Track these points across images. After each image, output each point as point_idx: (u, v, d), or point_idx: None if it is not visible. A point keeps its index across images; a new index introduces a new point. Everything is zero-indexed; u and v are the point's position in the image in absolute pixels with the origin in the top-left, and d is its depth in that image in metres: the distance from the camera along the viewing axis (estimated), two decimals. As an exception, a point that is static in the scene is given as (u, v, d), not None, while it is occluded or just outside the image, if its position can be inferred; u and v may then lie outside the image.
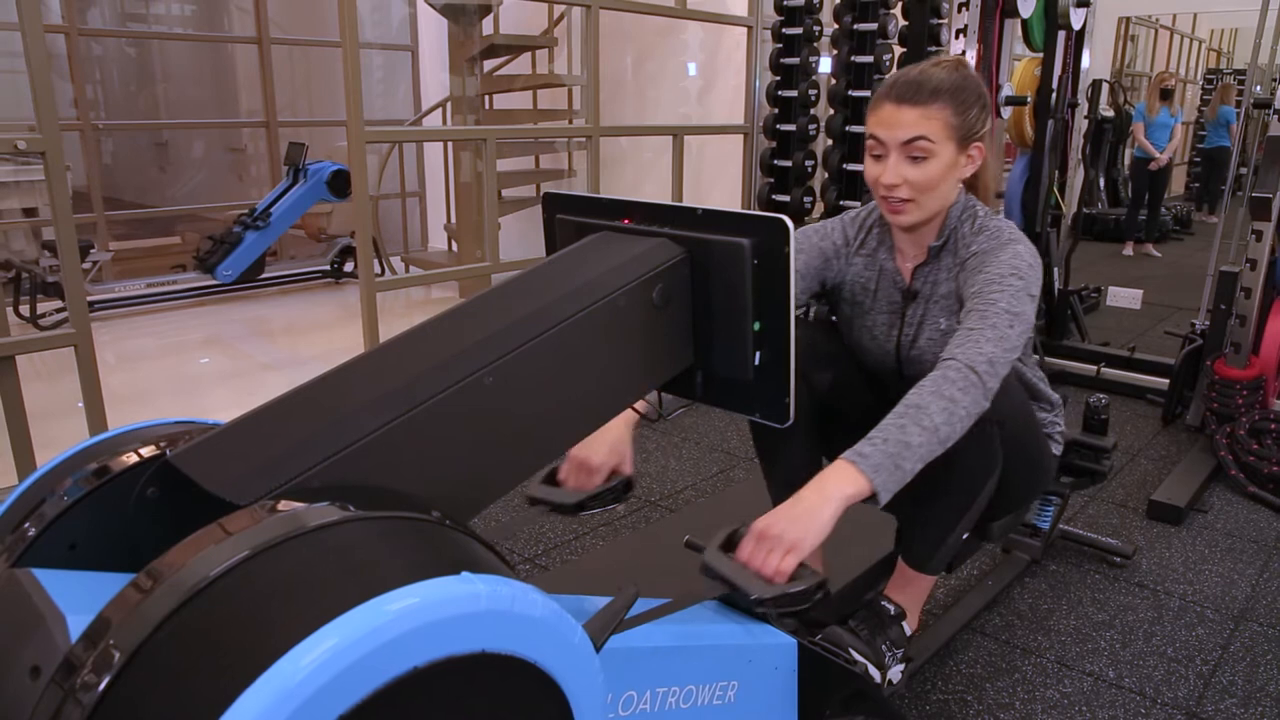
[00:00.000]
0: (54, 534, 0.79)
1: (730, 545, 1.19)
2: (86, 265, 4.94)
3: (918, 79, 1.45)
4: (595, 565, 2.18)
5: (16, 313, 4.69)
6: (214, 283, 5.33)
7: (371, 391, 0.83)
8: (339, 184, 5.60)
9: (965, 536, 1.56)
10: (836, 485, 1.16)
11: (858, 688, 1.39)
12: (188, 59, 7.99)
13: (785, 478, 1.63)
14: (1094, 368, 3.92)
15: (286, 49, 6.81)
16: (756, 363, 1.03)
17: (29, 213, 5.88)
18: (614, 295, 0.95)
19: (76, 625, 0.67)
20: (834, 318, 1.75)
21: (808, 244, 1.65)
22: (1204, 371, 3.25)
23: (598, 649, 0.79)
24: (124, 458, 0.83)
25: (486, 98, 5.35)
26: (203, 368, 4.48)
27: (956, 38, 3.57)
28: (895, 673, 1.52)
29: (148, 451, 0.83)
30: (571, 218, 1.14)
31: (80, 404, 2.66)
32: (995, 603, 2.21)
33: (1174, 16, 10.14)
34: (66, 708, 0.61)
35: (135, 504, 0.82)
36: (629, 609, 0.90)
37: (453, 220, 5.89)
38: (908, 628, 1.58)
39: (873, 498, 1.18)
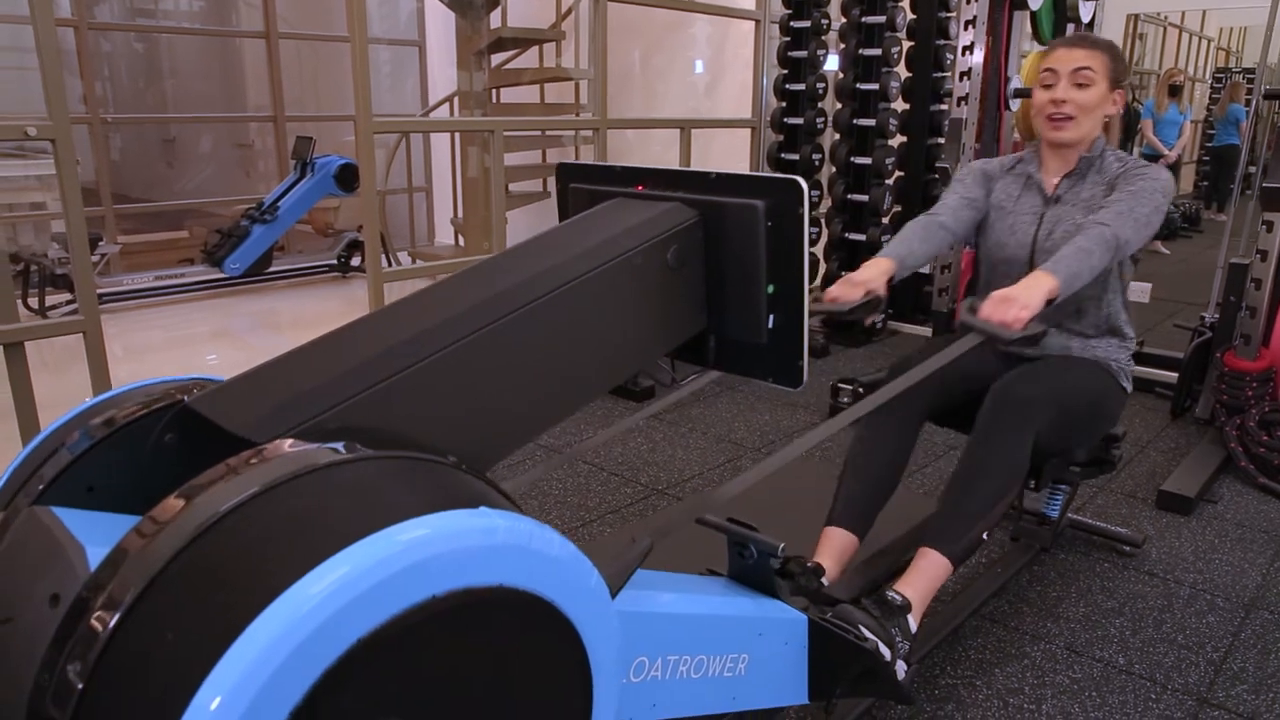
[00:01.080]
0: (73, 475, 0.79)
1: (973, 311, 1.60)
2: (95, 258, 4.95)
3: (1084, 33, 1.99)
4: (603, 550, 2.18)
5: (25, 305, 4.70)
6: (222, 276, 5.35)
7: (391, 339, 0.84)
8: (346, 178, 5.60)
9: (985, 536, 1.72)
10: (1042, 280, 1.60)
11: (868, 665, 1.38)
12: (196, 54, 8.00)
13: (869, 464, 1.87)
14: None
15: (294, 44, 6.82)
16: (770, 326, 1.03)
17: (36, 207, 5.91)
18: (629, 254, 0.95)
19: (95, 556, 0.67)
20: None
21: (973, 168, 2.09)
22: (1213, 364, 3.24)
23: (613, 595, 0.79)
24: (141, 405, 0.83)
25: (494, 92, 5.35)
26: (210, 360, 4.49)
27: (965, 29, 3.56)
28: (900, 669, 1.51)
29: (165, 399, 0.84)
30: (585, 186, 1.14)
31: (90, 394, 2.67)
32: (1004, 590, 2.20)
33: (1183, 14, 10.10)
34: (84, 634, 0.62)
35: (152, 449, 0.82)
36: (643, 559, 0.90)
37: (459, 215, 5.90)
38: (913, 622, 1.58)
39: (1055, 297, 1.61)
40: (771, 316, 1.03)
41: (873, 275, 1.78)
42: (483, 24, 5.02)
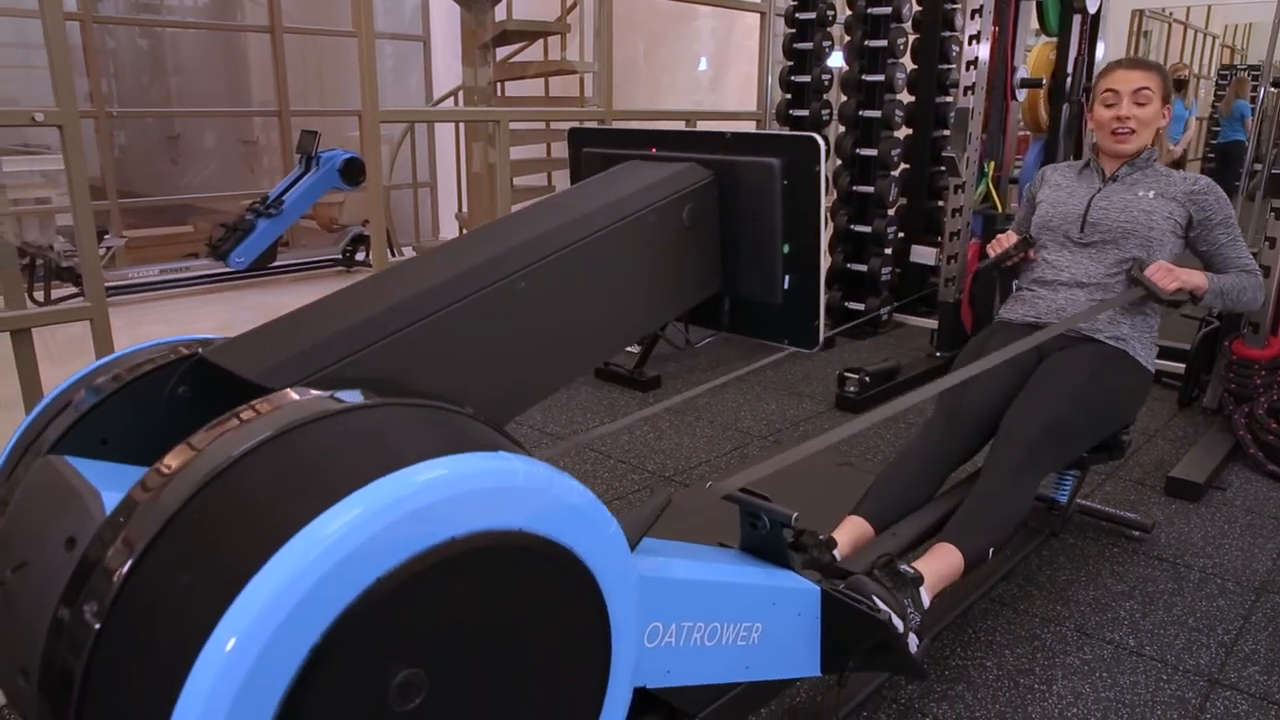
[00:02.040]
0: (87, 426, 0.79)
1: (1139, 270, 2.00)
2: (100, 250, 4.95)
3: (1135, 58, 2.18)
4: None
5: (31, 298, 4.71)
6: (227, 270, 5.35)
7: (406, 292, 0.83)
8: (351, 172, 5.61)
9: (992, 552, 1.79)
10: (1199, 275, 2.00)
11: (881, 638, 1.38)
12: (201, 50, 8.01)
13: (913, 465, 1.96)
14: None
15: (299, 39, 6.82)
16: (785, 286, 1.03)
17: (41, 202, 5.91)
18: (644, 212, 0.95)
19: (111, 501, 0.67)
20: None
21: (1042, 174, 2.32)
22: (1221, 352, 3.23)
23: (631, 548, 0.79)
24: (154, 359, 0.83)
25: (499, 85, 5.35)
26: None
27: (972, 18, 3.55)
28: (911, 642, 1.50)
29: (178, 353, 0.83)
30: (598, 150, 1.13)
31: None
32: (1013, 574, 2.19)
33: (1188, 10, 10.08)
34: (100, 575, 0.61)
35: (166, 401, 0.82)
36: (661, 513, 0.89)
37: (464, 209, 5.90)
38: (925, 596, 1.57)
39: (1200, 297, 2.03)
40: (787, 277, 1.02)
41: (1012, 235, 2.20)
42: (488, 17, 5.02)
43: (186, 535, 0.62)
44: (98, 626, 0.61)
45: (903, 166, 4.55)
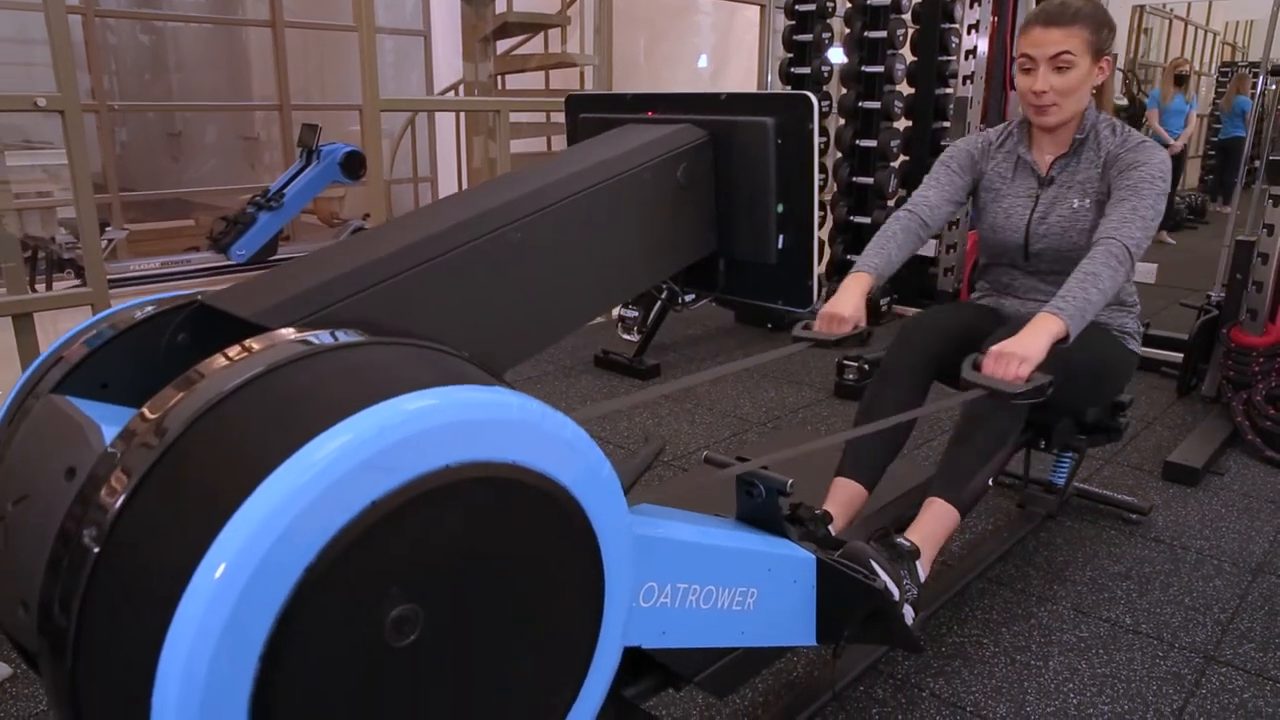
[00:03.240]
0: (88, 369, 0.80)
1: (975, 367, 1.54)
2: (102, 242, 4.97)
3: (1060, 5, 1.75)
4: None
5: (33, 289, 4.72)
6: (228, 263, 5.36)
7: (406, 239, 0.84)
8: (352, 165, 5.62)
9: (990, 482, 1.71)
10: (1045, 326, 1.53)
11: (877, 606, 1.38)
12: (202, 45, 8.02)
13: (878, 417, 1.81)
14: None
15: (300, 34, 6.83)
16: (780, 246, 1.04)
17: (43, 195, 5.93)
18: (639, 169, 0.96)
19: (110, 434, 0.68)
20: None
21: (959, 150, 2.00)
22: (1220, 340, 3.24)
23: (626, 491, 0.79)
24: (155, 306, 0.84)
25: (499, 79, 5.36)
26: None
27: (971, 7, 3.56)
28: (908, 613, 1.51)
29: (179, 302, 0.84)
30: (596, 115, 1.14)
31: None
32: (1010, 554, 2.20)
33: (1188, 7, 10.09)
34: (100, 501, 0.62)
35: (165, 348, 0.83)
36: (655, 458, 0.90)
37: (465, 203, 5.90)
38: (921, 570, 1.58)
39: (1065, 339, 1.54)
40: (781, 236, 1.03)
41: (855, 304, 1.74)
42: (488, 11, 5.03)
43: (180, 466, 0.63)
44: (96, 551, 0.62)
45: (902, 158, 4.56)
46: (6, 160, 5.48)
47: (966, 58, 3.76)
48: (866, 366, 3.41)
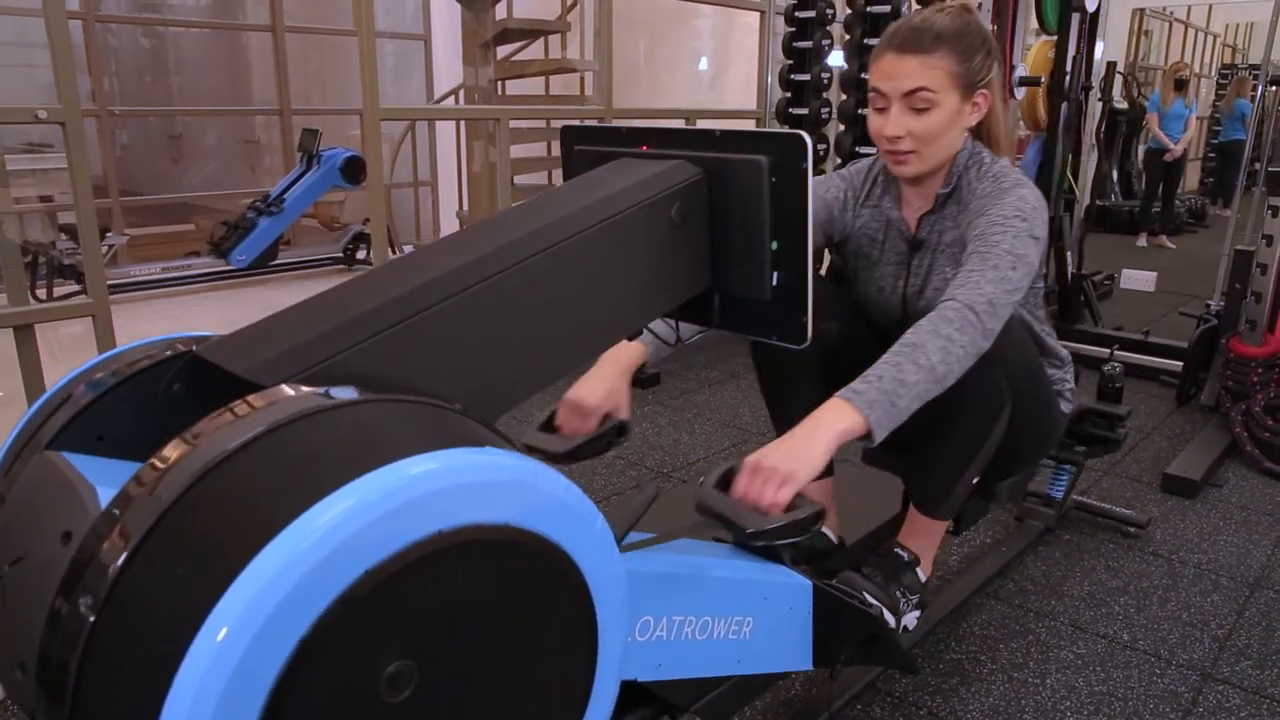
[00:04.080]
0: (83, 423, 0.80)
1: (726, 483, 1.15)
2: (103, 248, 4.97)
3: (919, 26, 1.42)
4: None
5: (34, 296, 4.73)
6: (228, 268, 5.37)
7: (398, 289, 0.84)
8: (352, 170, 5.62)
9: (975, 481, 1.54)
10: (830, 421, 1.15)
11: (873, 632, 1.39)
12: (203, 49, 8.04)
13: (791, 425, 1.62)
14: (1108, 350, 3.90)
15: (300, 38, 6.84)
16: (774, 283, 1.04)
17: (44, 200, 5.94)
18: (633, 209, 0.96)
19: (106, 495, 0.68)
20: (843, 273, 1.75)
21: (817, 198, 1.62)
22: (1219, 350, 3.24)
23: (619, 541, 0.80)
24: (150, 356, 0.84)
25: (499, 84, 5.36)
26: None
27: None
28: (910, 619, 1.52)
29: (173, 350, 0.85)
30: (590, 148, 1.15)
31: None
32: (1008, 569, 2.21)
33: (1188, 9, 10.09)
34: (95, 568, 0.63)
35: (162, 398, 0.83)
36: (649, 507, 0.90)
37: (465, 208, 5.91)
38: (922, 574, 1.57)
39: (867, 436, 1.16)
40: (775, 273, 1.04)
41: (609, 390, 1.40)
42: (488, 16, 5.03)
43: (180, 529, 0.64)
44: (92, 619, 0.62)
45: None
46: (8, 164, 5.49)
47: (966, 66, 3.76)
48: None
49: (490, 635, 0.74)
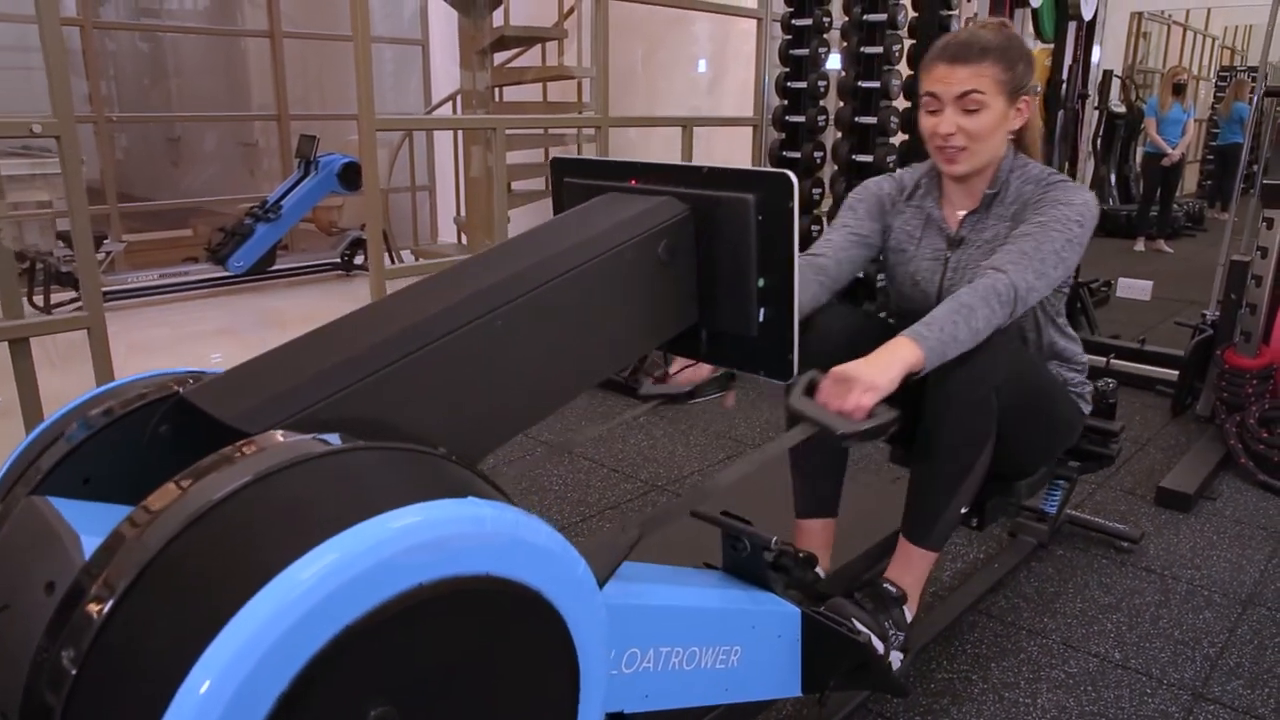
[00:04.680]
0: (69, 467, 0.81)
1: (811, 390, 1.27)
2: (100, 255, 4.98)
3: (966, 40, 1.58)
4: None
5: (31, 303, 4.73)
6: (226, 274, 5.37)
7: (383, 332, 0.85)
8: (350, 176, 5.63)
9: (964, 511, 1.60)
10: (902, 352, 1.32)
11: (862, 659, 1.39)
12: (200, 54, 8.03)
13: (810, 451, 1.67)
14: (1104, 359, 3.90)
15: (298, 44, 6.84)
16: (761, 319, 1.04)
17: (42, 205, 5.94)
18: (620, 248, 0.97)
19: (90, 545, 0.69)
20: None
21: (867, 193, 1.81)
22: (1214, 361, 3.24)
23: (600, 585, 0.80)
24: (138, 397, 0.85)
25: (496, 91, 5.37)
26: (214, 359, 4.51)
27: (966, 25, 3.56)
28: (895, 658, 1.52)
29: (160, 391, 0.85)
30: (579, 180, 1.15)
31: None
32: (1001, 585, 2.21)
33: (1187, 12, 10.09)
34: (78, 620, 0.63)
35: (148, 441, 0.84)
36: (632, 549, 0.91)
37: (462, 213, 5.91)
38: (908, 612, 1.58)
39: (917, 374, 1.34)
40: (762, 310, 1.04)
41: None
42: (485, 23, 5.04)
43: (163, 580, 0.64)
44: (74, 672, 0.63)
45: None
46: (4, 170, 5.50)
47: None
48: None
49: (473, 679, 0.75)
